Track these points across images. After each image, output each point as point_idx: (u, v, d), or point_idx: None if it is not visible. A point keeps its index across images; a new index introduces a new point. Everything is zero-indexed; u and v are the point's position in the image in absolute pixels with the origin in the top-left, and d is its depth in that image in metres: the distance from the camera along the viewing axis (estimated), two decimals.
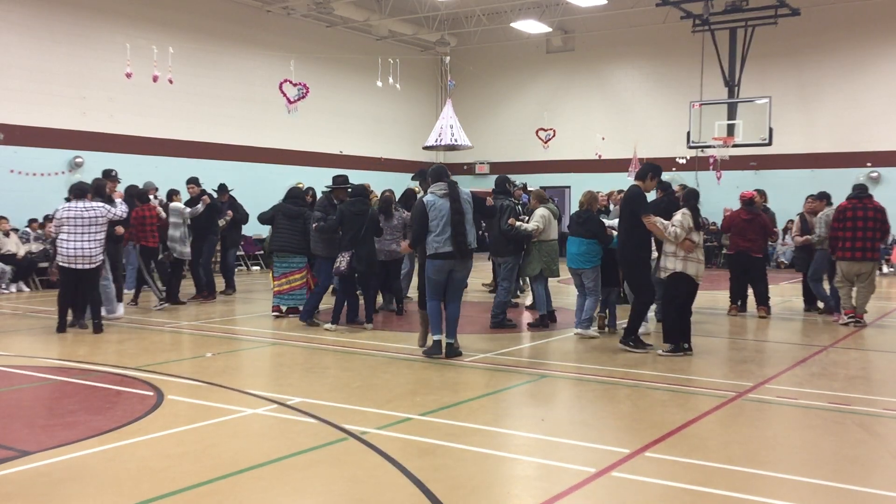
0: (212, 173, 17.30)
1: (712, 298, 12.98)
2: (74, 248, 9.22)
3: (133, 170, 17.07)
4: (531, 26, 23.41)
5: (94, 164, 17.04)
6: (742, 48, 20.21)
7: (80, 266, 9.27)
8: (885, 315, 11.71)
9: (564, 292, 13.53)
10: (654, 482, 4.39)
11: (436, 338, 7.99)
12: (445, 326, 7.98)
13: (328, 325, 9.78)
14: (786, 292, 14.69)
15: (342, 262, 9.54)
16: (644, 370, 7.46)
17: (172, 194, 12.30)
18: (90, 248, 9.29)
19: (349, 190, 10.13)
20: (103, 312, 10.21)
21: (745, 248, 11.16)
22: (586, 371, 7.44)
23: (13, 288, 14.35)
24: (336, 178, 10.47)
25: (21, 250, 14.73)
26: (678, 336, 8.14)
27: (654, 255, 9.86)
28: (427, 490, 4.22)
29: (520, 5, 22.96)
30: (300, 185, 12.03)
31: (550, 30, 24.10)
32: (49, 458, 4.76)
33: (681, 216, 8.03)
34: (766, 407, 6.17)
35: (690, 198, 8.30)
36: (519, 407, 6.33)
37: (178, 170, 16.57)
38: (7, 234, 14.77)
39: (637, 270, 8.40)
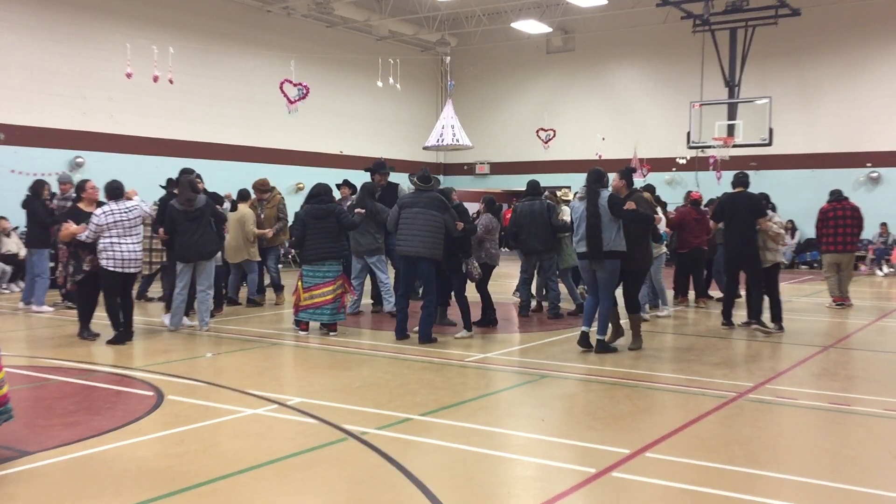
0: (212, 173, 17.28)
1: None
2: (122, 252, 8.68)
3: (133, 170, 17.15)
4: (531, 26, 23.41)
5: (94, 164, 17.09)
6: (742, 48, 20.21)
7: (129, 270, 8.80)
8: (885, 315, 11.71)
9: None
10: (654, 482, 4.38)
11: (585, 329, 8.34)
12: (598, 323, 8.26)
13: (462, 334, 9.19)
14: (784, 292, 14.66)
15: (477, 267, 9.50)
16: (644, 370, 7.47)
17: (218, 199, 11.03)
18: (138, 251, 8.87)
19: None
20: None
21: (697, 244, 11.91)
22: (586, 371, 7.44)
23: (14, 287, 14.36)
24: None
25: (22, 250, 14.72)
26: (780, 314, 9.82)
27: (664, 250, 10.69)
28: (427, 490, 4.22)
29: (520, 5, 22.97)
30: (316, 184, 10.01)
31: (551, 30, 24.11)
32: (49, 458, 4.76)
33: (779, 218, 10.13)
34: (766, 407, 6.17)
35: (768, 200, 10.30)
36: (519, 407, 6.32)
37: (178, 170, 16.55)
38: (7, 234, 14.78)
39: (759, 264, 9.70)
